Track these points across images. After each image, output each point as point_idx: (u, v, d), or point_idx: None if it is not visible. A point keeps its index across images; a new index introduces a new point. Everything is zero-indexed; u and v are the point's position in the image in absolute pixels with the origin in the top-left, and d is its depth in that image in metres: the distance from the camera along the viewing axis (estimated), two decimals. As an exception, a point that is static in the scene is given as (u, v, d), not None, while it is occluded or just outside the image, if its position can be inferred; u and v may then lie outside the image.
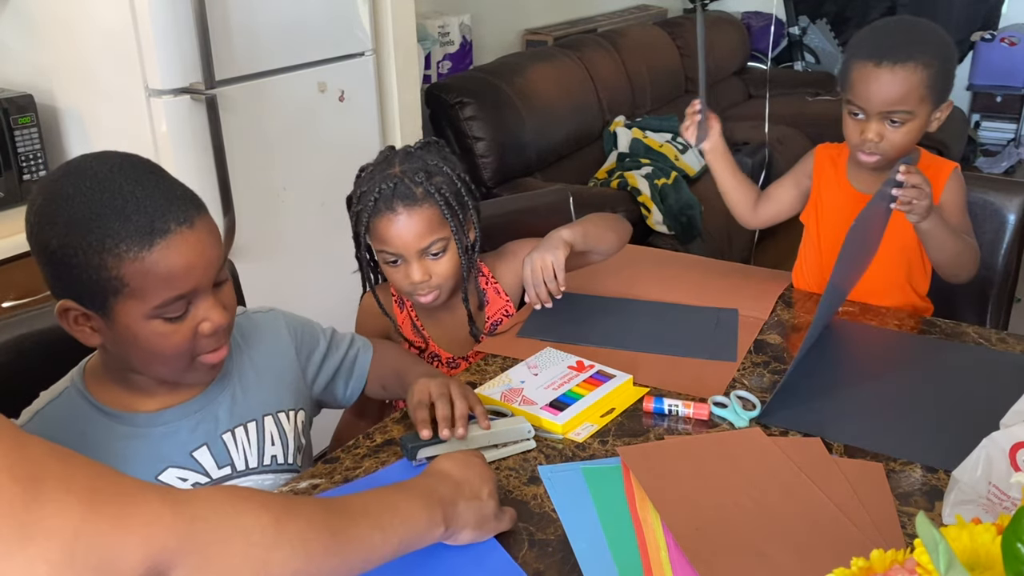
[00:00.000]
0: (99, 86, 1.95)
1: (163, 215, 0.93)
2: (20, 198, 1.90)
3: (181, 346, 1.00)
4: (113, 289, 0.93)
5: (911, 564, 0.62)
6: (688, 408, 1.21)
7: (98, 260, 0.91)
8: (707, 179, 3.63)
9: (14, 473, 0.56)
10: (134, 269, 0.92)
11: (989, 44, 5.04)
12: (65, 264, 0.92)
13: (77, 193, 0.91)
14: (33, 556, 0.56)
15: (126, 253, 0.91)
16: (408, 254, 1.37)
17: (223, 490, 0.70)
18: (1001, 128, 5.19)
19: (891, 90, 1.43)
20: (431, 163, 1.38)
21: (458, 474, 0.92)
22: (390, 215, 1.35)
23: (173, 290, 0.95)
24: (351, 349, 1.32)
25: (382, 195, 1.34)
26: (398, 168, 1.37)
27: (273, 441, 1.16)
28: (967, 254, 1.52)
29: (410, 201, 1.34)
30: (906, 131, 1.47)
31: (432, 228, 1.36)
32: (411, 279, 1.38)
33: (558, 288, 1.42)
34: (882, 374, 1.36)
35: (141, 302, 0.94)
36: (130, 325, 0.96)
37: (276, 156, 2.15)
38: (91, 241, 0.90)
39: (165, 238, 0.92)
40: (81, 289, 0.94)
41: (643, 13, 4.96)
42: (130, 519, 0.61)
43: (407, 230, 1.35)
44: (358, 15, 2.32)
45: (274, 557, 0.69)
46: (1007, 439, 0.91)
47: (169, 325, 0.97)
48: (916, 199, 1.36)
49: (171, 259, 0.93)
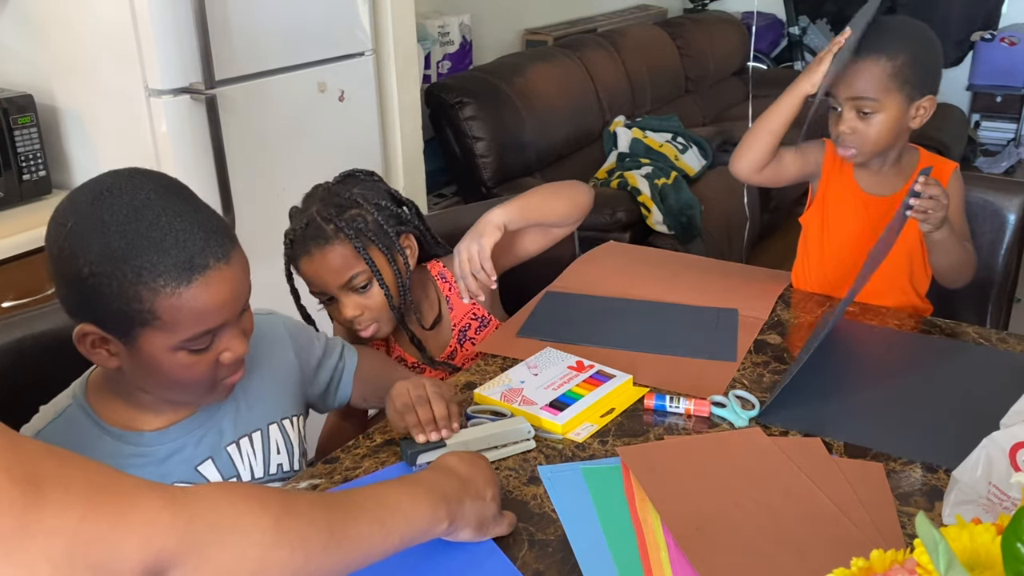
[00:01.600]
0: (99, 86, 1.95)
1: (202, 251, 0.92)
2: (20, 198, 1.90)
3: (203, 376, 1.00)
4: (142, 320, 0.92)
5: (911, 564, 0.62)
6: (689, 402, 1.21)
7: (133, 292, 0.90)
8: (707, 179, 3.67)
9: (12, 475, 0.56)
10: (169, 304, 0.91)
11: (989, 44, 5.04)
12: (94, 292, 0.90)
13: (113, 221, 0.89)
14: (33, 556, 0.56)
15: (163, 288, 0.90)
16: (332, 291, 1.36)
17: (223, 489, 0.70)
18: (1001, 128, 5.19)
19: (854, 77, 1.46)
20: (344, 197, 1.37)
21: (465, 472, 0.93)
22: (305, 257, 1.35)
23: (204, 325, 0.95)
24: (341, 360, 1.30)
25: (296, 237, 1.35)
26: (317, 205, 1.36)
27: (279, 449, 1.16)
28: (967, 263, 1.53)
29: (321, 240, 1.33)
30: (877, 123, 1.47)
31: (347, 264, 1.34)
32: (345, 314, 1.37)
33: (488, 279, 1.37)
34: (882, 374, 1.36)
35: (170, 335, 0.93)
36: (154, 355, 0.95)
37: (276, 156, 2.15)
38: (127, 273, 0.89)
39: (203, 274, 0.92)
40: (106, 317, 0.92)
41: (643, 13, 4.96)
42: (129, 519, 0.61)
43: (322, 268, 1.35)
44: (358, 15, 2.32)
45: (273, 557, 0.69)
46: (1007, 439, 0.91)
47: (193, 356, 0.97)
48: (932, 210, 1.37)
49: (207, 296, 0.93)
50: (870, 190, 1.58)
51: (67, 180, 2.05)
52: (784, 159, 1.60)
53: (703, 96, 4.69)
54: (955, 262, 1.52)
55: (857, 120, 1.48)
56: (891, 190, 1.57)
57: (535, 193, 1.47)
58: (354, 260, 1.34)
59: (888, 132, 1.49)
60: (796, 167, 1.62)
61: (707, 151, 3.76)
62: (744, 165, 1.58)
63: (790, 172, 1.62)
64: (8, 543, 0.55)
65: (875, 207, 1.57)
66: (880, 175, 1.58)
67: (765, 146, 1.55)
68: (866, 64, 1.45)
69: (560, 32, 4.12)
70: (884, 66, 1.45)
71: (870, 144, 1.50)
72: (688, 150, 3.67)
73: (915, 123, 1.51)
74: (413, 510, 0.83)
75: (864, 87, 1.46)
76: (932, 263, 1.55)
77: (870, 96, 1.46)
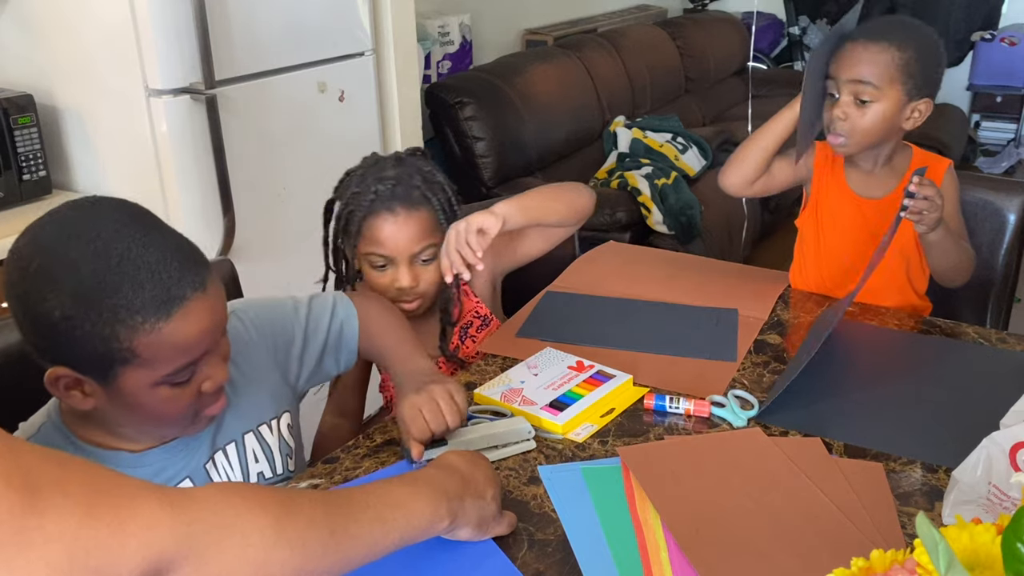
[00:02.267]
0: (99, 86, 1.95)
1: (178, 282, 0.89)
2: (20, 198, 1.90)
3: (185, 409, 0.97)
4: (122, 359, 0.88)
5: (911, 564, 0.62)
6: (689, 402, 1.21)
7: (110, 331, 0.86)
8: (707, 179, 3.66)
9: (11, 481, 0.56)
10: (149, 341, 0.87)
11: (989, 44, 5.04)
12: (68, 334, 0.86)
13: (82, 259, 0.85)
14: (33, 562, 0.56)
15: (142, 325, 0.86)
16: (400, 258, 1.35)
17: (223, 490, 0.70)
18: (1001, 128, 5.19)
19: (859, 61, 1.44)
20: (425, 169, 1.37)
21: (466, 470, 0.93)
22: (387, 215, 1.33)
23: (185, 358, 0.92)
24: (334, 321, 1.23)
25: (379, 195, 1.33)
26: (392, 171, 1.35)
27: (256, 458, 1.12)
28: (965, 262, 1.52)
29: (408, 203, 1.33)
30: (872, 113, 1.46)
31: (426, 233, 1.35)
32: (399, 284, 1.36)
33: (473, 254, 1.30)
34: (882, 374, 1.36)
35: (151, 371, 0.90)
36: (135, 393, 0.92)
37: (276, 156, 2.15)
38: (102, 312, 0.85)
39: (182, 306, 0.89)
40: (82, 358, 0.88)
41: (643, 13, 4.96)
42: (128, 523, 0.61)
43: (403, 232, 1.33)
44: (358, 15, 2.32)
45: (272, 558, 0.69)
46: (1007, 439, 0.91)
47: (175, 390, 0.94)
48: (927, 211, 1.36)
49: (187, 328, 0.90)
50: (862, 192, 1.57)
51: (67, 180, 2.05)
52: (772, 170, 1.60)
53: (703, 96, 4.69)
54: (952, 262, 1.51)
55: (852, 107, 1.46)
56: (884, 192, 1.56)
57: (535, 193, 1.46)
58: (432, 231, 1.35)
59: (881, 124, 1.47)
60: (786, 174, 1.62)
61: (707, 151, 3.76)
62: (735, 180, 1.59)
63: (781, 180, 1.62)
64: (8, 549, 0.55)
65: (868, 209, 1.56)
66: (872, 176, 1.57)
67: (756, 161, 1.56)
68: (875, 49, 1.43)
69: (560, 32, 4.12)
70: (892, 55, 1.43)
71: (859, 133, 1.47)
72: (688, 150, 3.67)
73: (908, 124, 1.49)
74: (413, 508, 0.83)
75: (868, 71, 1.44)
76: (929, 263, 1.55)
77: (872, 82, 1.44)
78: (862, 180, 1.58)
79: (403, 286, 1.36)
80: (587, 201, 1.50)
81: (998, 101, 5.17)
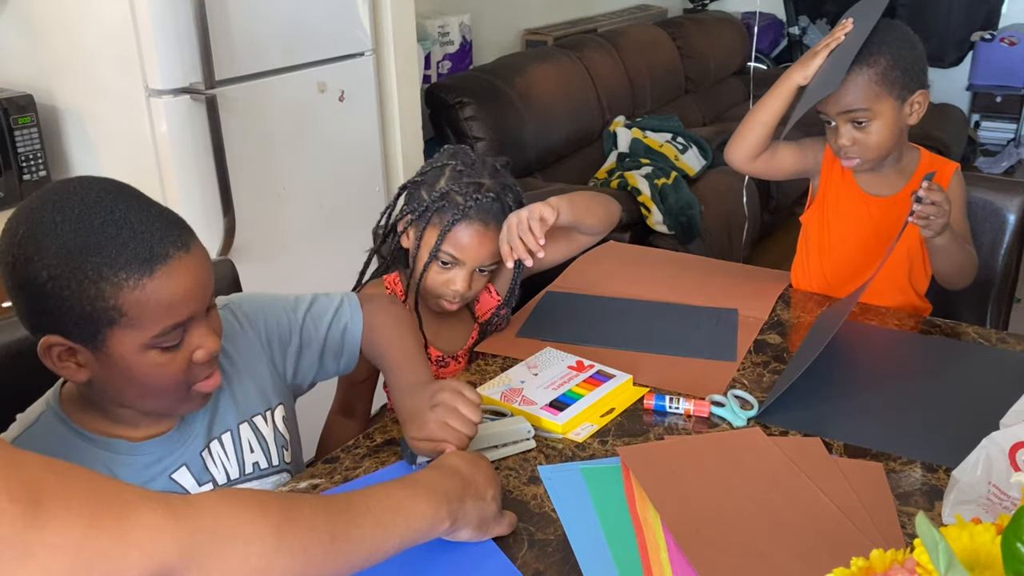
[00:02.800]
0: (99, 86, 1.95)
1: (161, 240, 0.90)
2: (20, 198, 1.90)
3: (177, 376, 0.97)
4: (109, 320, 0.89)
5: (911, 564, 0.62)
6: (689, 402, 1.21)
7: (95, 290, 0.87)
8: (707, 179, 3.66)
9: (12, 494, 0.56)
10: (134, 298, 0.88)
11: (989, 44, 5.04)
12: (55, 297, 0.87)
13: (66, 221, 0.87)
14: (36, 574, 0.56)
15: (125, 281, 0.88)
16: (470, 265, 1.37)
17: (224, 497, 0.70)
18: (1001, 128, 5.19)
19: (841, 93, 1.44)
20: (515, 188, 1.39)
21: (467, 471, 0.93)
22: (479, 226, 1.35)
23: (172, 318, 0.92)
24: (336, 322, 1.22)
25: (480, 205, 1.34)
26: (489, 181, 1.37)
27: (252, 448, 1.12)
28: (969, 266, 1.53)
29: (498, 220, 1.35)
30: (876, 130, 1.47)
31: (499, 248, 1.36)
32: (455, 287, 1.37)
33: (535, 242, 1.30)
34: (882, 374, 1.36)
35: (139, 331, 0.91)
36: (125, 356, 0.92)
37: (276, 156, 2.15)
38: (87, 271, 0.87)
39: (165, 264, 0.90)
40: (70, 323, 0.89)
41: (643, 13, 4.96)
42: (131, 533, 0.61)
43: (485, 245, 1.36)
44: (358, 15, 2.32)
45: (274, 564, 0.70)
46: (1007, 439, 0.91)
47: (165, 355, 0.94)
48: (934, 216, 1.36)
49: (171, 286, 0.90)
50: (871, 190, 1.58)
51: (67, 180, 2.05)
52: (779, 152, 1.60)
53: (703, 96, 4.69)
54: (956, 265, 1.51)
55: (855, 131, 1.47)
56: (892, 190, 1.57)
57: (580, 195, 1.45)
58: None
59: (888, 136, 1.48)
60: (792, 161, 1.62)
61: (707, 151, 3.76)
62: (738, 154, 1.58)
63: (785, 165, 1.62)
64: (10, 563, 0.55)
65: (876, 207, 1.57)
66: (881, 175, 1.57)
67: (757, 136, 1.55)
68: (849, 76, 1.43)
69: (560, 32, 4.12)
70: (867, 74, 1.44)
71: (873, 151, 1.49)
72: (688, 150, 3.67)
73: (912, 119, 1.50)
74: (414, 512, 0.83)
75: (853, 99, 1.45)
76: (933, 266, 1.55)
77: (861, 107, 1.45)
78: (871, 178, 1.58)
79: (458, 290, 1.38)
80: (617, 213, 1.53)
81: (998, 101, 5.16)
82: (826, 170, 1.61)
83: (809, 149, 1.62)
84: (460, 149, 1.44)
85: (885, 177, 1.58)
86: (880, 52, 1.44)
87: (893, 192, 1.56)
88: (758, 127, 1.55)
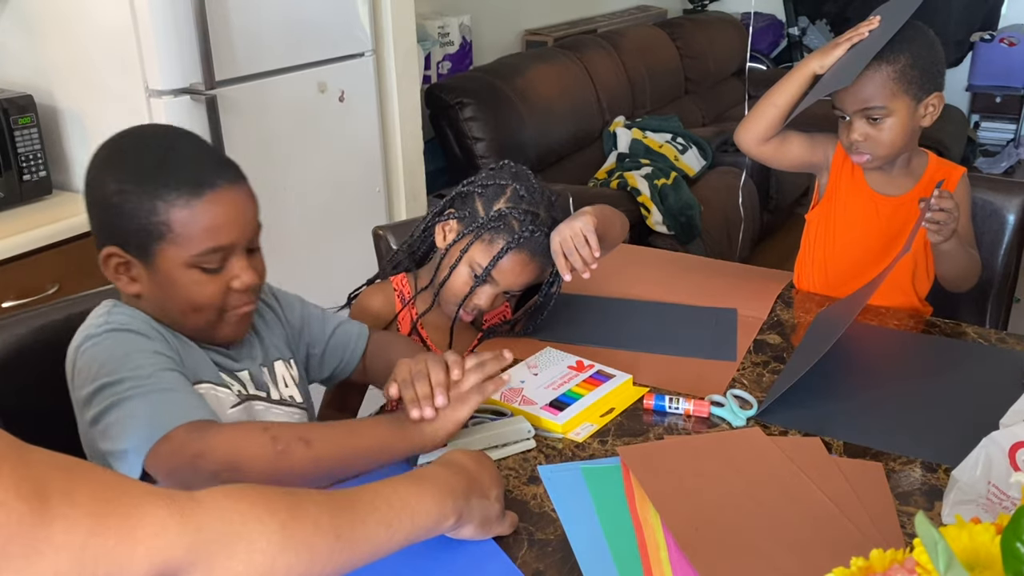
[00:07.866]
0: (99, 86, 1.95)
1: (212, 171, 1.03)
2: (20, 198, 1.90)
3: (214, 297, 1.06)
4: (159, 234, 1.01)
5: (911, 564, 0.62)
6: (688, 402, 1.21)
7: (150, 205, 1.00)
8: (707, 179, 3.67)
9: (20, 492, 0.56)
10: (181, 216, 1.00)
11: (989, 44, 5.04)
12: (119, 208, 1.01)
13: (136, 147, 1.05)
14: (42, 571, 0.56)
15: (176, 200, 1.00)
16: (501, 287, 1.38)
17: (229, 495, 0.70)
18: (1001, 128, 5.19)
19: (859, 88, 1.45)
20: (555, 217, 1.39)
21: (473, 469, 0.93)
22: (527, 258, 1.37)
23: (213, 240, 1.03)
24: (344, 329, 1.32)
25: (534, 240, 1.35)
26: (544, 213, 1.38)
27: (286, 383, 1.22)
28: (972, 269, 1.53)
29: (544, 255, 1.37)
30: (889, 127, 1.47)
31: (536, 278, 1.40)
32: (478, 302, 1.39)
33: (592, 254, 1.31)
34: (882, 373, 1.36)
35: (182, 249, 1.02)
36: (170, 271, 1.03)
37: (276, 156, 2.15)
38: (146, 187, 1.00)
39: (213, 190, 1.02)
40: (128, 234, 1.02)
41: (643, 13, 4.96)
42: (136, 530, 0.61)
43: (524, 276, 1.39)
44: (358, 15, 2.32)
45: (279, 562, 0.70)
46: (1007, 439, 0.91)
47: (205, 275, 1.04)
48: (944, 222, 1.37)
49: (215, 211, 1.02)
50: (880, 189, 1.58)
51: (67, 180, 2.05)
52: (790, 140, 1.60)
53: (703, 96, 4.70)
54: (961, 269, 1.52)
55: (868, 127, 1.48)
56: (901, 191, 1.57)
57: (603, 208, 1.44)
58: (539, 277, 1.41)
59: (901, 134, 1.48)
60: (800, 152, 1.61)
61: (707, 151, 3.76)
62: (748, 135, 1.58)
63: (793, 156, 1.61)
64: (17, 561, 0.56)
65: (884, 207, 1.57)
66: (890, 176, 1.58)
67: (769, 119, 1.55)
68: (868, 72, 1.44)
69: (560, 32, 4.12)
70: (886, 71, 1.44)
71: (884, 148, 1.49)
72: (688, 150, 3.67)
73: (925, 121, 1.51)
74: (419, 508, 0.83)
75: (870, 95, 1.45)
76: (938, 270, 1.55)
77: (877, 104, 1.45)
78: (880, 178, 1.58)
79: (481, 306, 1.40)
80: (627, 229, 1.56)
81: (997, 101, 5.17)
82: (836, 167, 1.61)
83: (819, 144, 1.62)
84: (522, 171, 1.44)
85: (894, 178, 1.58)
86: (901, 51, 1.44)
87: (902, 193, 1.56)
88: (771, 109, 1.55)
